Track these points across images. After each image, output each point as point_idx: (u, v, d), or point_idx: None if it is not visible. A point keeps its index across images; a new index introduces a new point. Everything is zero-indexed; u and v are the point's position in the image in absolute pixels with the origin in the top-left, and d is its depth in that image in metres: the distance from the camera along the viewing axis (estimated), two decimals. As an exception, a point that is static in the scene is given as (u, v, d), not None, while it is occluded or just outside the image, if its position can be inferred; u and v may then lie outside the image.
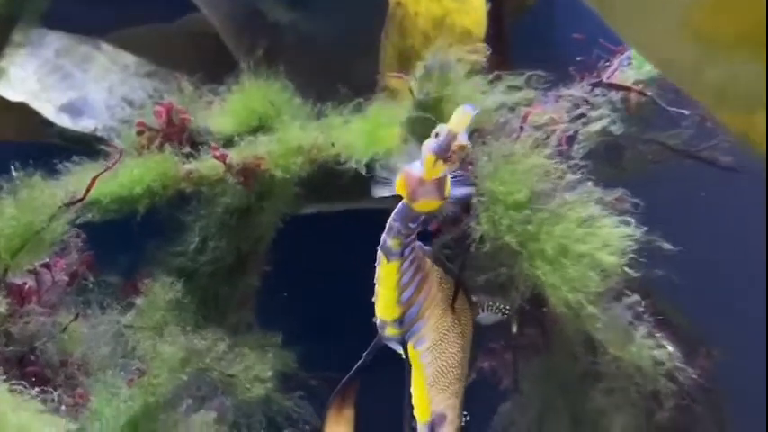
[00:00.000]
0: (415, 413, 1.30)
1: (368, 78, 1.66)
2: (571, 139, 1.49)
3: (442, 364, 1.29)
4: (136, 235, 1.59)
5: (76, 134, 1.73)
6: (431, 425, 1.29)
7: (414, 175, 1.17)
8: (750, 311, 1.84)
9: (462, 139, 1.15)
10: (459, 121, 1.15)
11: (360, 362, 1.36)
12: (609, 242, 1.18)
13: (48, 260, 1.42)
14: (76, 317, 1.38)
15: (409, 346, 1.28)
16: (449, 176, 1.20)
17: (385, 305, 1.27)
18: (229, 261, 1.66)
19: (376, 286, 1.28)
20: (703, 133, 1.49)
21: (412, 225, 1.22)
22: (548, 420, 1.44)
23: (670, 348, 1.19)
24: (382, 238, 1.25)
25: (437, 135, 1.16)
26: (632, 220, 1.21)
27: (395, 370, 1.32)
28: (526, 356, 1.49)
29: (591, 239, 1.19)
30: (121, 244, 1.57)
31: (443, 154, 1.14)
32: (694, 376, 1.21)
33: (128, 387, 1.32)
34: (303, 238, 1.81)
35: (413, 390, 1.29)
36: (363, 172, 1.48)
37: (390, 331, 1.29)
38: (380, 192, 1.30)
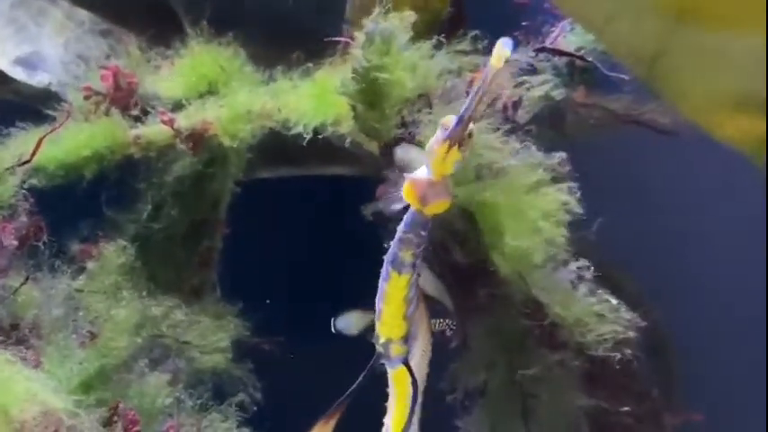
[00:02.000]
0: None
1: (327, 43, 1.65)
2: (516, 105, 1.52)
3: (420, 382, 1.28)
4: (88, 202, 1.59)
5: (31, 91, 1.70)
6: None
7: (421, 179, 1.12)
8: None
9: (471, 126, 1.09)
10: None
11: (354, 384, 1.31)
12: (551, 210, 1.22)
13: (-6, 225, 1.42)
14: (26, 280, 1.38)
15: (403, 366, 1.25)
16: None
17: (392, 323, 1.22)
18: (184, 227, 1.67)
19: (379, 304, 1.22)
20: (644, 98, 1.54)
21: (423, 233, 1.17)
22: (492, 378, 1.49)
23: (613, 301, 1.24)
24: (392, 253, 1.19)
25: (444, 127, 1.08)
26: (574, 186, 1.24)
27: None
28: (473, 318, 1.54)
29: (535, 207, 1.23)
30: (73, 210, 1.58)
31: (457, 137, 1.06)
32: (639, 326, 1.25)
33: (80, 349, 1.33)
34: (266, 201, 1.85)
35: (392, 416, 1.27)
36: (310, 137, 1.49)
37: (396, 350, 1.24)
38: (390, 206, 1.27)
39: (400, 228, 1.18)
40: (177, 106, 1.59)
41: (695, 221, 1.86)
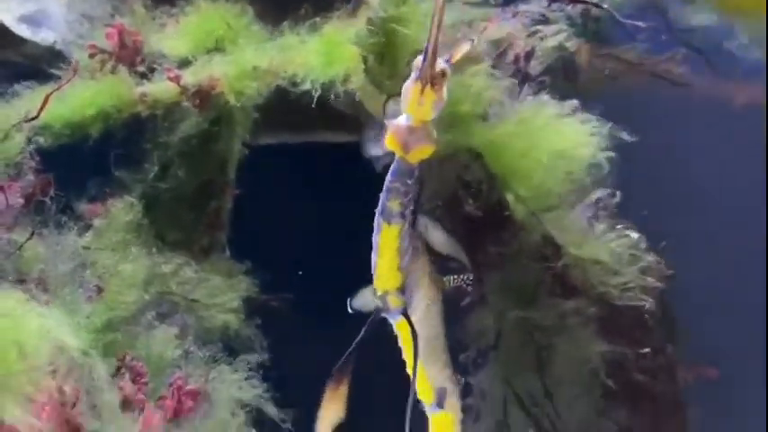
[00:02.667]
0: (420, 398, 1.28)
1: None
2: (528, 56, 1.50)
3: (429, 335, 1.27)
4: (95, 161, 1.58)
5: (36, 51, 1.69)
6: (437, 403, 1.29)
7: (401, 126, 1.11)
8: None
9: (442, 64, 1.07)
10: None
11: (357, 339, 1.28)
12: (565, 146, 1.20)
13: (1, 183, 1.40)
14: (32, 235, 1.37)
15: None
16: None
17: (387, 274, 1.21)
18: (192, 188, 1.65)
19: (374, 257, 1.22)
20: (658, 48, 1.51)
21: (409, 181, 1.16)
22: (506, 331, 1.46)
23: (634, 235, 1.21)
24: (380, 204, 1.19)
25: (415, 68, 1.08)
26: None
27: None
28: (486, 272, 1.51)
29: (547, 144, 1.20)
30: (80, 170, 1.56)
31: (427, 75, 1.05)
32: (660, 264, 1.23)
33: (87, 304, 1.31)
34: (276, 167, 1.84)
35: (409, 370, 1.25)
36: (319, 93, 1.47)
37: (393, 302, 1.23)
38: (373, 150, 1.27)
39: (387, 177, 1.17)
40: (183, 63, 1.57)
41: (699, 174, 1.84)
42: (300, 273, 1.75)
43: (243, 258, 1.64)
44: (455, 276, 1.42)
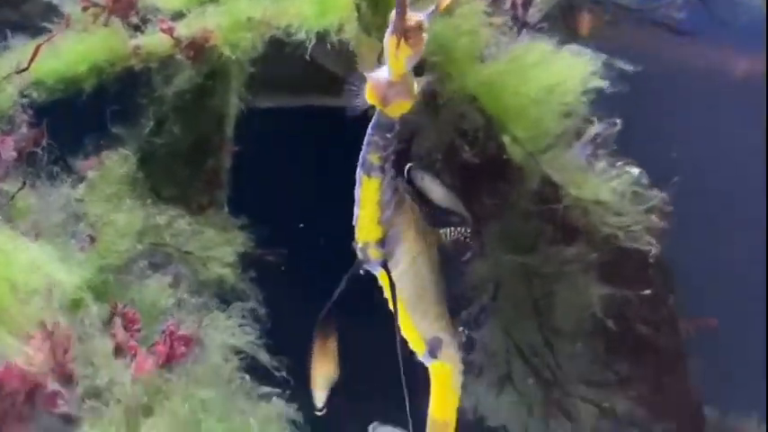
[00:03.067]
0: (412, 348, 1.29)
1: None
2: (526, 3, 1.47)
3: (417, 288, 1.27)
4: (89, 116, 1.56)
5: (34, 9, 1.67)
6: (430, 352, 1.29)
7: (380, 80, 1.12)
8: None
9: (418, 16, 1.08)
10: None
11: (338, 288, 1.31)
12: (560, 83, 1.17)
13: (-7, 137, 1.39)
14: (24, 185, 1.36)
15: (389, 269, 1.25)
16: (412, 74, 1.15)
17: (367, 226, 1.23)
18: (188, 143, 1.63)
19: (356, 209, 1.23)
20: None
21: (389, 135, 1.17)
22: (505, 282, 1.44)
23: (635, 171, 1.19)
24: (361, 157, 1.20)
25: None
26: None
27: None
28: (484, 223, 1.49)
29: (542, 81, 1.18)
30: (74, 124, 1.55)
31: (399, 28, 1.06)
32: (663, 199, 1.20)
33: (80, 253, 1.30)
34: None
35: (399, 323, 1.26)
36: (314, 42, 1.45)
37: (373, 254, 1.24)
38: (353, 101, 1.26)
39: (368, 131, 1.17)
40: (177, 16, 1.55)
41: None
42: (301, 225, 1.74)
43: (239, 215, 1.63)
44: (452, 229, 1.40)
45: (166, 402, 1.17)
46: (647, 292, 1.44)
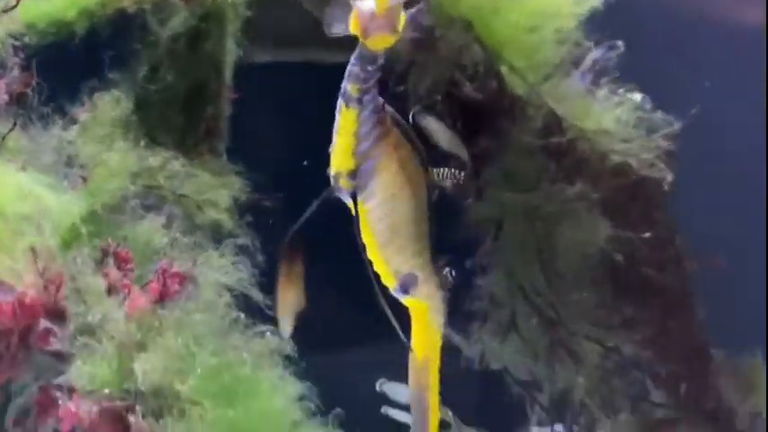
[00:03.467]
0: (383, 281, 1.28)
1: None
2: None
3: (393, 223, 1.26)
4: (82, 60, 1.54)
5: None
6: (402, 287, 1.28)
7: (365, 10, 1.09)
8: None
9: None
10: None
11: (307, 211, 1.32)
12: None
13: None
14: (14, 126, 1.34)
15: (360, 200, 1.25)
16: (402, 9, 1.12)
17: (341, 155, 1.23)
18: (184, 89, 1.60)
19: (334, 136, 1.23)
20: None
21: (370, 68, 1.16)
22: (507, 223, 1.41)
23: (637, 96, 1.15)
24: (342, 85, 1.20)
25: None
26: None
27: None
28: (486, 163, 1.46)
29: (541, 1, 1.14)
30: (67, 69, 1.52)
31: None
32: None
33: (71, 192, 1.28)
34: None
35: (370, 254, 1.26)
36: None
37: (344, 183, 1.24)
38: (335, 28, 1.24)
39: (350, 60, 1.16)
40: (170, -46, 1.52)
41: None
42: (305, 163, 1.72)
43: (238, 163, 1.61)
44: (445, 170, 1.38)
45: (159, 338, 1.15)
46: (651, 233, 1.41)
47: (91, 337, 1.15)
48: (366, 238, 1.25)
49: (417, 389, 1.30)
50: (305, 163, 1.70)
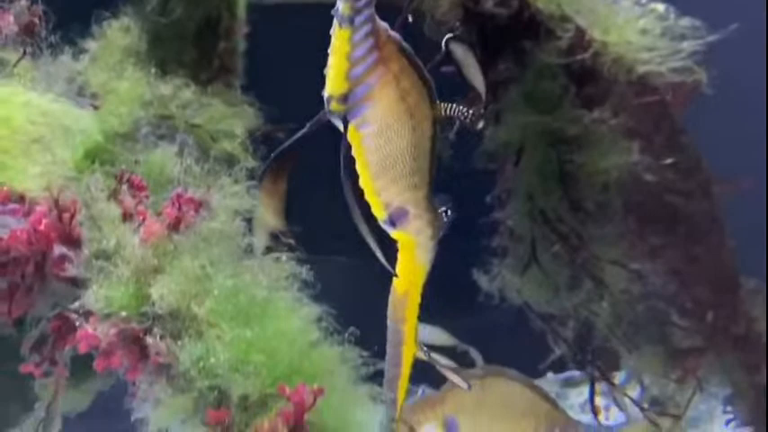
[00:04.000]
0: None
1: None
2: None
3: (389, 154, 1.22)
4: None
5: None
6: (390, 220, 1.24)
7: None
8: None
9: None
10: None
11: (300, 132, 1.27)
12: None
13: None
14: (24, 54, 1.32)
15: (351, 126, 1.21)
16: None
17: (334, 78, 1.19)
18: (195, 23, 1.57)
19: (330, 57, 1.19)
20: None
21: None
22: (528, 147, 1.37)
23: (660, 6, 1.10)
24: (336, 4, 1.15)
25: None
26: None
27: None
28: (506, 87, 1.42)
29: None
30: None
31: None
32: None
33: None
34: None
35: (362, 183, 1.23)
36: None
37: (334, 106, 1.20)
38: None
39: None
40: None
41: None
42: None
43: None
44: (454, 106, 1.34)
45: (175, 262, 1.13)
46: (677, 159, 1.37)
47: (107, 262, 1.14)
48: (359, 166, 1.22)
49: (394, 321, 1.27)
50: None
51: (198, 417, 1.02)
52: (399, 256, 1.28)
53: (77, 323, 1.10)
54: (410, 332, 1.27)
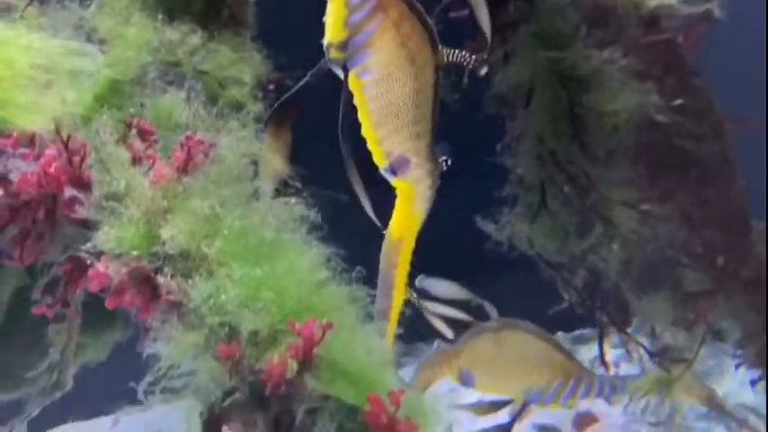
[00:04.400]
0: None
1: None
2: None
3: (391, 102, 1.22)
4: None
5: None
6: (391, 169, 1.25)
7: None
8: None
9: None
10: None
11: (302, 80, 1.29)
12: None
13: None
14: (31, 1, 1.31)
15: (352, 74, 1.21)
16: None
17: (332, 25, 1.19)
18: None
19: (327, 4, 1.20)
20: None
21: None
22: (539, 88, 1.36)
23: None
24: None
25: None
26: None
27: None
28: (513, 31, 1.41)
29: None
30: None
31: None
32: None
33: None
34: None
35: (363, 132, 1.24)
36: None
37: (333, 54, 1.21)
38: None
39: None
40: None
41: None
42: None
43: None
44: (457, 52, 1.33)
45: (185, 203, 1.14)
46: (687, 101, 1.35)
47: (117, 203, 1.14)
48: (361, 115, 1.22)
49: (386, 266, 1.27)
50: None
51: (209, 352, 1.03)
52: (397, 202, 1.29)
53: (88, 262, 1.10)
54: (401, 277, 1.28)
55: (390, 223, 1.29)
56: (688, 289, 1.45)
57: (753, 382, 1.48)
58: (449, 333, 1.39)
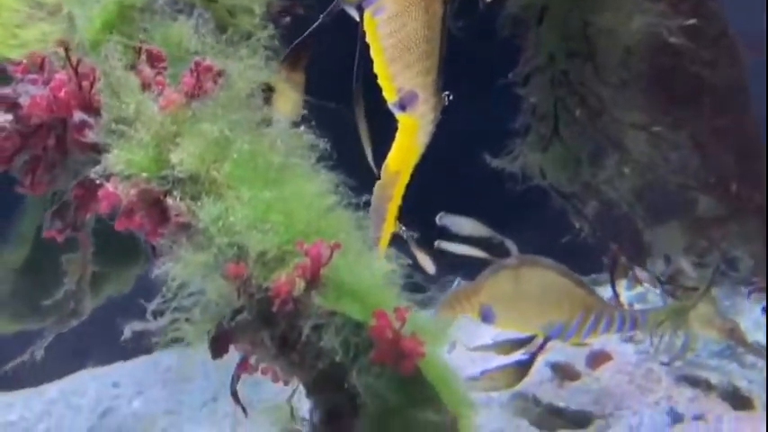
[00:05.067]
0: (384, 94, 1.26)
1: None
2: None
3: (403, 37, 1.22)
4: None
5: None
6: (400, 104, 1.25)
7: None
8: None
9: None
10: None
11: (317, 23, 1.28)
12: None
13: None
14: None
15: (367, 13, 1.21)
16: None
17: None
18: None
19: None
20: None
21: None
22: (552, 5, 1.33)
23: None
24: None
25: None
26: None
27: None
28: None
29: None
30: None
31: None
32: None
33: None
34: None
35: (375, 68, 1.23)
36: None
37: None
38: None
39: None
40: None
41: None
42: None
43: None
44: None
45: (194, 127, 1.14)
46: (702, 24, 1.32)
47: (127, 127, 1.15)
48: (374, 52, 1.22)
49: (380, 199, 1.28)
50: None
51: (218, 272, 1.05)
52: (398, 135, 1.29)
53: (98, 182, 1.11)
54: (393, 211, 1.29)
55: (388, 156, 1.29)
56: (701, 216, 1.44)
57: (763, 309, 1.48)
58: (431, 268, 1.40)
